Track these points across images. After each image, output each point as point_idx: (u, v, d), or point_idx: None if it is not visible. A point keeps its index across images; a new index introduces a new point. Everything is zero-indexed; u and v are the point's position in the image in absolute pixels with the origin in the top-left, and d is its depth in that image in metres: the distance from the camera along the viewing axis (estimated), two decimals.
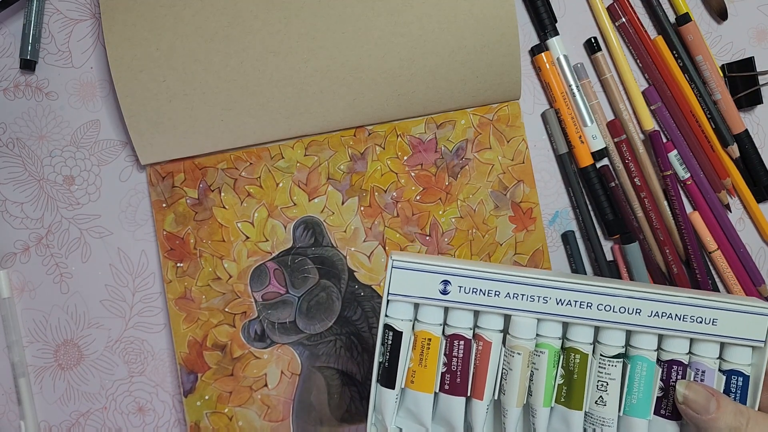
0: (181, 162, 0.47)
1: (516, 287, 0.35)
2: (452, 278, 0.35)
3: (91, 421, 0.48)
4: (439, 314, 0.36)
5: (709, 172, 0.49)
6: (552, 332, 0.36)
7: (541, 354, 0.35)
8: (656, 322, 0.35)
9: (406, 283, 0.35)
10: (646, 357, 0.35)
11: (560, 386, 0.36)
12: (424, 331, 0.35)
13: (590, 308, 0.35)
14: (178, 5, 0.45)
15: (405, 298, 0.35)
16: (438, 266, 0.35)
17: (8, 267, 0.48)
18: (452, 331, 0.36)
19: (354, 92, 0.46)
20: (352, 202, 0.48)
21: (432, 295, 0.35)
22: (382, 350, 0.36)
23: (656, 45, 0.48)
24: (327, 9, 0.45)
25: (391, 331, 0.35)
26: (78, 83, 0.48)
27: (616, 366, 0.35)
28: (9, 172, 0.48)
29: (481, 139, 0.48)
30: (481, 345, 0.36)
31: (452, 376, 0.36)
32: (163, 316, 0.48)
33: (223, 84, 0.46)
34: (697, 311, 0.35)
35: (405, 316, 0.36)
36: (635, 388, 0.35)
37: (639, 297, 0.35)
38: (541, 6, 0.48)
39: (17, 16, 0.48)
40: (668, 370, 0.35)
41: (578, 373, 0.35)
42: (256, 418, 0.47)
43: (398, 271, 0.35)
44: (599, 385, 0.35)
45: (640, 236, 0.48)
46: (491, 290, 0.35)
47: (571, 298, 0.35)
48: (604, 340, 0.36)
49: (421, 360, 0.35)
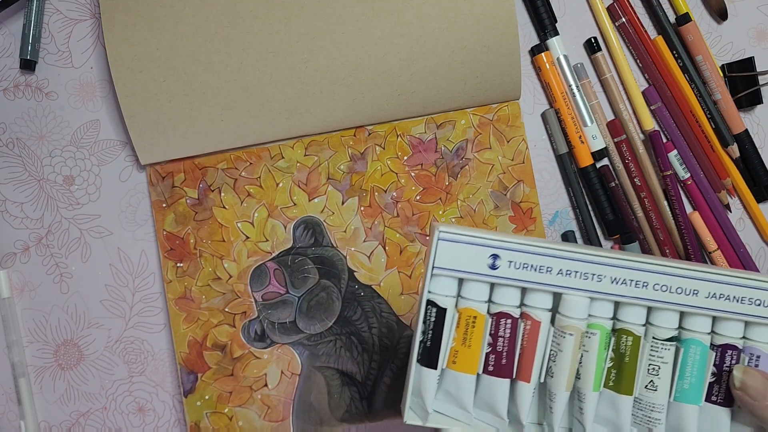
0: (181, 162, 0.47)
1: (569, 264, 0.33)
2: (502, 252, 0.33)
3: (91, 421, 0.48)
4: (485, 290, 0.34)
5: (709, 172, 0.49)
6: (604, 312, 0.34)
7: (592, 335, 0.33)
8: (713, 303, 0.33)
9: (452, 257, 0.33)
10: (699, 340, 0.34)
11: (609, 370, 0.34)
12: (470, 308, 0.33)
13: (646, 288, 0.33)
14: (177, 5, 0.45)
15: (450, 273, 0.33)
16: (487, 239, 0.33)
17: (8, 267, 0.48)
18: (499, 309, 0.33)
19: (354, 92, 0.46)
20: (352, 202, 0.48)
21: (480, 270, 0.33)
22: (424, 328, 0.33)
23: (656, 45, 0.48)
24: (327, 9, 0.45)
25: (434, 308, 0.33)
26: (78, 83, 0.48)
27: (669, 349, 0.34)
28: (9, 172, 0.48)
29: (481, 139, 0.48)
30: (529, 324, 0.33)
31: (497, 356, 0.33)
32: (163, 316, 0.48)
33: (223, 84, 0.46)
34: (755, 293, 0.33)
35: (449, 292, 0.33)
36: (687, 372, 0.34)
37: (697, 277, 0.33)
38: (541, 6, 0.48)
39: (17, 16, 0.48)
40: (722, 355, 0.34)
41: (630, 356, 0.33)
42: (256, 418, 0.47)
43: (444, 243, 0.33)
44: (650, 369, 0.34)
45: (640, 236, 0.48)
46: (543, 266, 0.33)
47: (627, 276, 0.33)
48: (657, 322, 0.34)
49: (465, 339, 0.33)
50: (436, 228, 0.33)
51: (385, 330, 0.47)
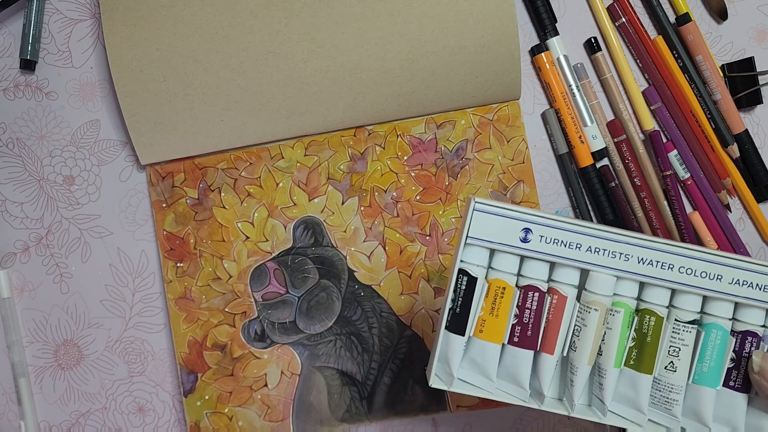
0: (181, 162, 0.47)
1: (598, 242, 0.34)
2: (534, 227, 0.34)
3: (91, 421, 0.48)
4: (515, 263, 0.34)
5: (709, 172, 0.49)
6: (629, 291, 0.34)
7: (616, 313, 0.34)
8: (736, 290, 0.34)
9: (485, 228, 0.34)
10: (721, 325, 0.34)
11: (631, 349, 0.35)
12: (499, 279, 0.34)
13: (671, 270, 0.34)
14: (177, 5, 0.45)
15: (483, 243, 0.34)
16: (521, 213, 0.34)
17: (8, 267, 0.48)
18: (527, 282, 0.34)
19: (354, 92, 0.46)
20: (352, 202, 0.48)
21: (512, 243, 0.34)
22: (454, 296, 0.34)
23: (656, 45, 0.48)
24: (327, 9, 0.45)
25: (465, 276, 0.34)
26: (78, 83, 0.48)
27: (690, 332, 0.34)
28: (9, 172, 0.48)
29: (481, 139, 0.48)
30: (556, 299, 0.34)
31: (523, 328, 0.34)
32: (163, 316, 0.48)
33: (223, 84, 0.46)
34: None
35: (480, 262, 0.34)
36: (707, 356, 0.34)
37: (721, 263, 0.34)
38: (541, 6, 0.48)
39: (17, 16, 0.48)
40: (742, 341, 0.34)
41: (652, 335, 0.34)
42: (256, 418, 0.47)
43: (479, 214, 0.34)
44: (671, 350, 0.34)
45: None
46: (572, 242, 0.34)
47: (653, 257, 0.34)
48: (680, 305, 0.34)
49: (492, 309, 0.34)
50: (473, 199, 0.34)
51: (385, 330, 0.47)
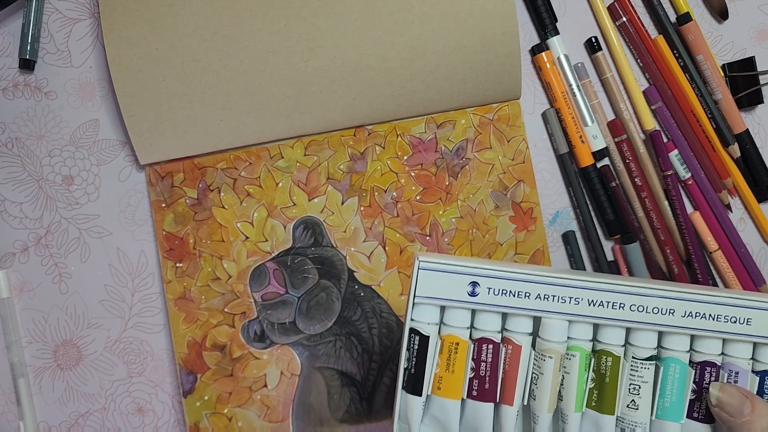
0: (181, 162, 0.47)
1: (547, 288, 0.34)
2: (481, 279, 0.34)
3: (90, 422, 0.48)
4: (467, 317, 0.35)
5: (710, 171, 0.48)
6: (583, 334, 0.35)
7: (573, 357, 0.34)
8: (690, 322, 0.34)
9: (433, 285, 0.34)
10: (678, 358, 0.34)
11: (591, 390, 0.35)
12: (452, 335, 0.34)
13: (623, 309, 0.34)
14: (177, 5, 0.45)
15: (432, 301, 0.34)
16: (466, 267, 0.34)
17: (7, 267, 0.48)
18: (480, 335, 0.34)
19: (354, 92, 0.46)
20: (352, 202, 0.48)
21: (460, 297, 0.34)
22: (408, 355, 0.34)
23: (657, 44, 0.48)
24: (327, 9, 0.45)
25: (417, 336, 0.34)
26: (77, 83, 0.48)
27: (648, 368, 0.34)
28: (8, 171, 0.48)
29: (481, 138, 0.48)
30: (510, 349, 0.34)
31: (480, 381, 0.34)
32: (162, 316, 0.48)
33: (223, 83, 0.45)
34: (731, 311, 0.34)
35: (431, 320, 0.34)
36: (668, 390, 0.34)
37: (673, 297, 0.34)
38: (542, 5, 0.48)
39: (16, 16, 0.48)
40: (701, 372, 0.35)
41: (610, 376, 0.34)
42: (256, 418, 0.47)
43: (425, 272, 0.34)
44: (631, 388, 0.34)
45: (641, 236, 0.48)
46: (521, 291, 0.34)
47: (604, 298, 0.34)
48: (636, 342, 0.35)
49: (448, 365, 0.34)
50: (417, 257, 0.34)
51: (385, 330, 0.47)
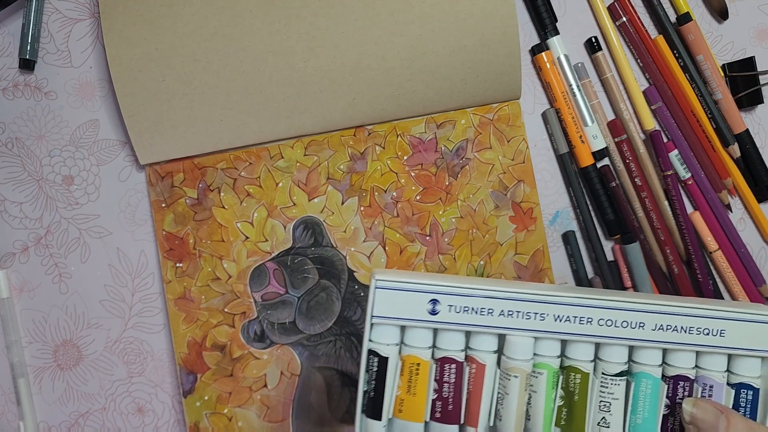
0: (181, 162, 0.47)
1: (510, 304, 0.33)
2: (441, 297, 0.33)
3: (90, 422, 0.48)
4: (428, 336, 0.33)
5: (710, 171, 0.48)
6: (550, 351, 0.33)
7: (539, 375, 0.33)
8: (661, 335, 0.33)
9: (391, 305, 0.33)
10: (650, 373, 0.33)
11: (560, 408, 0.33)
12: (412, 355, 0.33)
13: (591, 324, 0.33)
14: (177, 5, 0.45)
15: (391, 321, 0.33)
16: (425, 284, 0.33)
17: (7, 267, 0.48)
18: (442, 354, 0.33)
19: (354, 92, 0.46)
20: (352, 202, 0.48)
21: (420, 317, 0.33)
22: (367, 378, 0.33)
23: (657, 44, 0.48)
24: (327, 8, 0.45)
25: (376, 357, 0.33)
26: (77, 83, 0.48)
27: (619, 384, 0.33)
28: (8, 171, 0.48)
29: (481, 138, 0.48)
30: (474, 368, 0.33)
31: (444, 403, 0.33)
32: (162, 316, 0.48)
33: (223, 84, 0.45)
34: (703, 322, 0.33)
35: (391, 340, 0.33)
36: (640, 407, 0.33)
37: (642, 310, 0.33)
38: (542, 5, 0.48)
39: (16, 16, 0.48)
40: (674, 386, 0.33)
41: (579, 394, 0.33)
42: (256, 418, 0.47)
43: (382, 291, 0.33)
44: (602, 405, 0.33)
45: (641, 236, 0.48)
46: (483, 308, 0.33)
47: (570, 313, 0.33)
48: (605, 357, 0.33)
49: (409, 387, 0.33)
50: (373, 276, 0.33)
51: None
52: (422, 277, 0.34)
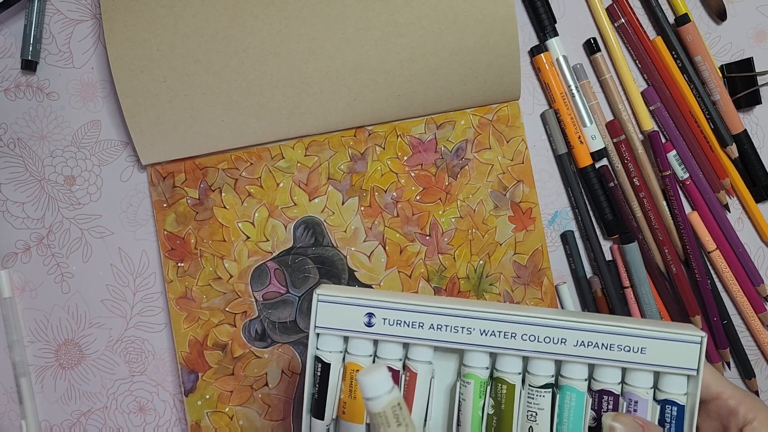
0: (182, 162, 0.47)
1: (440, 318, 0.35)
2: (376, 311, 0.36)
3: (92, 421, 0.48)
4: (368, 346, 0.36)
5: (708, 172, 0.49)
6: (478, 362, 0.36)
7: (467, 384, 0.36)
8: (583, 351, 0.35)
9: (332, 317, 0.36)
10: (574, 387, 0.35)
11: (490, 417, 0.36)
12: (353, 362, 0.36)
13: (515, 338, 0.35)
14: (178, 6, 0.45)
15: (332, 331, 0.36)
16: (361, 299, 0.36)
17: (9, 267, 0.48)
18: (381, 363, 0.36)
19: (354, 92, 0.46)
20: (353, 202, 0.48)
21: (358, 328, 0.36)
22: (313, 381, 0.36)
23: (655, 45, 0.48)
24: (327, 10, 0.45)
25: (320, 363, 0.36)
26: (79, 84, 0.48)
27: (544, 396, 0.35)
28: (10, 172, 0.48)
29: (480, 139, 0.48)
30: (408, 376, 0.36)
31: None
32: (163, 315, 0.48)
33: (224, 84, 0.46)
34: (624, 340, 0.35)
35: (334, 348, 0.36)
36: (565, 419, 0.35)
37: (564, 326, 0.35)
38: (541, 7, 0.48)
39: (18, 17, 0.48)
40: (599, 400, 0.35)
41: (506, 403, 0.35)
42: (257, 417, 0.47)
43: (323, 304, 0.36)
44: (529, 415, 0.35)
45: (639, 236, 0.48)
46: (415, 322, 0.36)
47: (495, 328, 0.35)
48: (532, 370, 0.36)
49: (351, 391, 0.36)
50: (315, 291, 0.36)
51: None
52: (360, 292, 0.37)
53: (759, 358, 0.50)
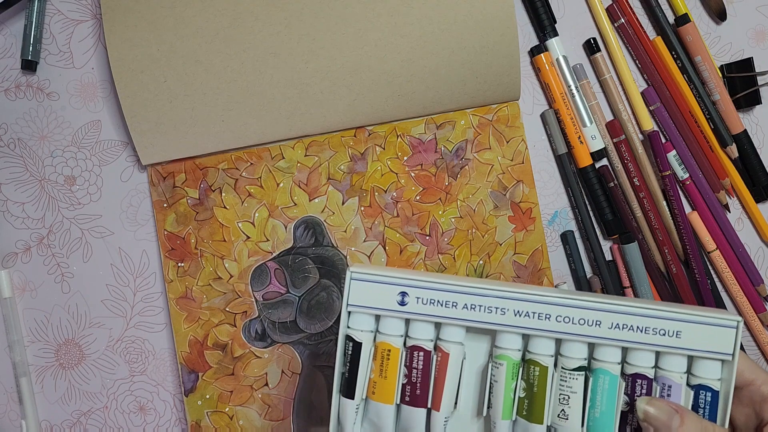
0: (182, 162, 0.47)
1: (473, 299, 0.35)
2: (410, 290, 0.35)
3: (92, 421, 0.48)
4: (400, 326, 0.36)
5: (708, 172, 0.49)
6: (511, 344, 0.35)
7: (500, 366, 0.35)
8: (617, 334, 0.34)
9: (365, 295, 0.36)
10: (608, 370, 0.35)
11: (522, 399, 0.35)
12: (384, 342, 0.36)
13: (549, 320, 0.35)
14: (178, 6, 0.45)
15: (365, 310, 0.36)
16: (396, 278, 0.35)
17: (10, 267, 0.48)
18: (412, 343, 0.36)
19: (354, 93, 0.46)
20: (353, 202, 0.48)
21: (391, 307, 0.35)
22: (343, 360, 0.36)
23: (655, 46, 0.48)
24: (327, 10, 0.45)
25: (351, 342, 0.36)
26: (79, 84, 0.48)
27: (577, 379, 0.35)
28: (10, 172, 0.48)
29: (480, 139, 0.48)
30: (440, 356, 0.36)
31: (412, 387, 0.35)
32: (164, 315, 0.48)
33: (224, 85, 0.46)
34: (659, 323, 0.34)
35: (366, 327, 0.36)
36: (597, 402, 0.34)
37: (599, 309, 0.35)
38: (541, 7, 0.48)
39: (18, 17, 0.48)
40: (632, 384, 0.35)
41: (538, 386, 0.35)
42: (257, 417, 0.47)
43: (357, 282, 0.36)
44: (561, 398, 0.35)
45: (639, 236, 0.49)
46: (449, 301, 0.35)
47: (530, 309, 0.35)
48: (565, 353, 0.35)
49: (381, 371, 0.35)
50: (349, 269, 0.36)
51: None
52: (394, 271, 0.37)
53: (759, 358, 0.50)
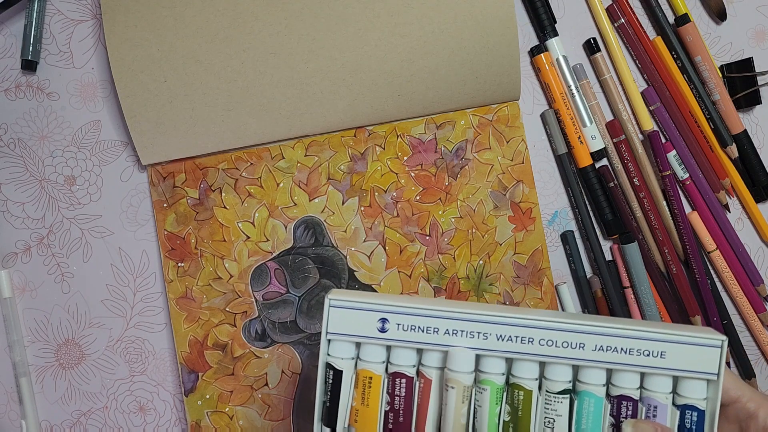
0: (182, 162, 0.47)
1: (455, 323, 0.35)
2: (390, 316, 0.35)
3: (92, 421, 0.48)
4: (381, 352, 0.35)
5: (708, 172, 0.49)
6: (494, 368, 0.35)
7: (483, 391, 0.35)
8: (601, 356, 0.34)
9: (345, 322, 0.35)
10: (593, 392, 0.34)
11: (506, 423, 0.35)
12: (365, 369, 0.35)
13: (532, 343, 0.34)
14: (178, 6, 0.45)
15: (344, 337, 0.35)
16: (375, 304, 0.35)
17: (10, 267, 0.48)
18: (394, 369, 0.35)
19: (354, 93, 0.46)
20: (353, 202, 0.48)
21: (371, 334, 0.35)
22: (324, 389, 0.35)
23: (655, 46, 0.48)
24: (327, 10, 0.45)
25: (331, 370, 0.35)
26: (79, 84, 0.48)
27: (562, 402, 0.34)
28: (10, 172, 0.48)
29: (480, 139, 0.48)
30: (422, 382, 0.35)
31: (395, 414, 0.35)
32: (164, 315, 0.48)
33: (224, 84, 0.46)
34: (643, 344, 0.34)
35: (346, 355, 0.35)
36: (583, 425, 0.34)
37: (582, 331, 0.34)
38: (541, 7, 0.48)
39: (18, 17, 0.48)
40: (618, 406, 0.34)
41: (523, 410, 0.34)
42: (257, 417, 0.47)
43: (336, 310, 0.35)
44: (546, 422, 0.34)
45: (639, 236, 0.49)
46: (430, 327, 0.35)
47: (512, 333, 0.34)
48: (549, 376, 0.35)
49: (363, 399, 0.35)
50: (327, 296, 0.35)
51: None
52: (374, 297, 0.36)
53: (759, 358, 0.50)
